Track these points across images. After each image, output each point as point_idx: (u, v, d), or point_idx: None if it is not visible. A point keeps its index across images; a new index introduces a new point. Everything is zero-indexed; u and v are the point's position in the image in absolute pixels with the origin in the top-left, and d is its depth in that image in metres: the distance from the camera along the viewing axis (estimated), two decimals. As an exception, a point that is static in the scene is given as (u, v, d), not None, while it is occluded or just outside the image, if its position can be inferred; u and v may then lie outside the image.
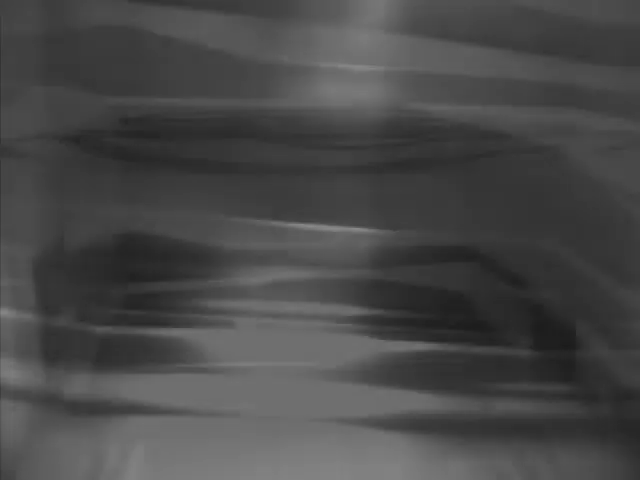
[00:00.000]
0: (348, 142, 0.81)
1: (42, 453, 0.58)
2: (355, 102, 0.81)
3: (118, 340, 0.80)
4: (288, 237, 0.84)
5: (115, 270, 0.84)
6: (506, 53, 0.79)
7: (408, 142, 0.82)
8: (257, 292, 0.86)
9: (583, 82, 0.79)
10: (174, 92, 0.79)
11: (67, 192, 0.69)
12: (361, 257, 0.85)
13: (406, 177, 0.84)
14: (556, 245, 0.84)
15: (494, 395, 0.75)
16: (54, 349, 0.65)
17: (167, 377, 0.71)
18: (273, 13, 0.78)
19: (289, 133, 0.81)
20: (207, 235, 0.84)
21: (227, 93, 0.80)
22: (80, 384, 0.69)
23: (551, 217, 0.85)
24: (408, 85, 0.80)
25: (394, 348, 0.83)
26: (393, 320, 0.87)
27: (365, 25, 0.78)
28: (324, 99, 0.80)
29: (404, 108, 0.81)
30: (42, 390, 0.62)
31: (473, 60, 0.80)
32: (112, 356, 0.76)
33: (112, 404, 0.66)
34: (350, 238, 0.85)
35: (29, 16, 0.53)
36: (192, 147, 0.82)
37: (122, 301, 0.85)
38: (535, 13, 0.78)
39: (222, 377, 0.73)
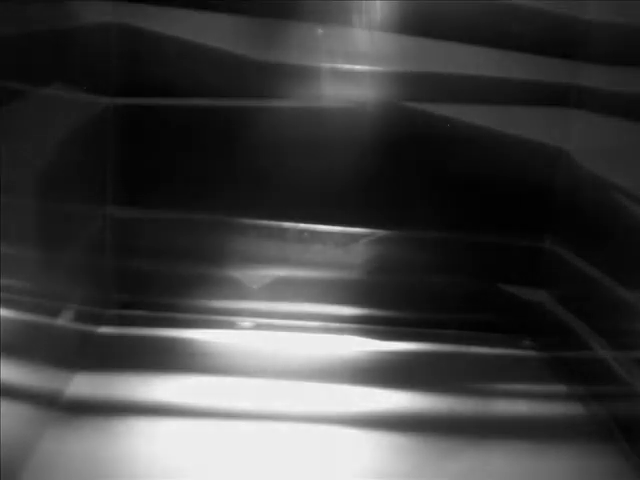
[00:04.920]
0: (347, 142, 0.81)
1: (42, 453, 0.58)
2: (355, 102, 0.81)
3: (118, 340, 0.80)
4: (288, 237, 0.84)
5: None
6: (506, 53, 0.79)
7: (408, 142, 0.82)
8: (257, 292, 0.86)
9: (583, 82, 0.79)
10: (174, 92, 0.79)
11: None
12: (360, 257, 0.85)
13: (406, 179, 0.84)
14: (556, 245, 0.84)
15: (494, 395, 0.75)
16: (54, 349, 0.65)
17: (167, 377, 0.71)
18: (273, 13, 0.78)
19: (288, 134, 0.81)
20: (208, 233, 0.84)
21: (227, 93, 0.80)
22: (80, 384, 0.69)
23: (551, 217, 0.85)
24: (408, 85, 0.80)
25: (394, 348, 0.83)
26: (393, 320, 0.87)
27: (365, 25, 0.78)
28: (324, 99, 0.80)
29: (404, 108, 0.81)
30: (42, 390, 0.62)
31: (473, 60, 0.80)
32: (112, 356, 0.76)
33: (112, 404, 0.66)
34: (350, 238, 0.85)
35: (29, 16, 0.53)
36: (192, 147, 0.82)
37: (121, 301, 0.85)
38: (535, 13, 0.78)
39: (222, 377, 0.73)
